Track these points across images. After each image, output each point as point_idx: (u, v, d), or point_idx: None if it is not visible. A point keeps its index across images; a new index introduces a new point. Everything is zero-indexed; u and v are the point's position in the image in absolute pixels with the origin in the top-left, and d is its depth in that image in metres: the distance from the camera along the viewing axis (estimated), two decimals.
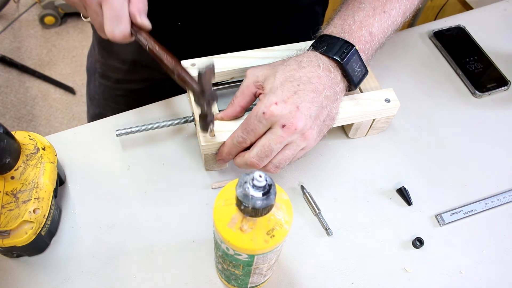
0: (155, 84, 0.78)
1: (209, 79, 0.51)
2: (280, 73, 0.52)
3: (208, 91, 0.51)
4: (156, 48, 0.52)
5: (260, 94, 0.54)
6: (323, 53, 0.54)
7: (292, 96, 0.50)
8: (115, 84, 0.81)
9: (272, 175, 0.59)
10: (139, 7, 0.50)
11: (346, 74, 0.55)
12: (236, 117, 0.56)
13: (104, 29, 0.50)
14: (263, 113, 0.50)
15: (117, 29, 0.49)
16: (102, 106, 0.86)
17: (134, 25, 0.51)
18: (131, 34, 0.51)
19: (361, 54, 0.55)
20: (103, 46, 0.79)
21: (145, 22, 0.51)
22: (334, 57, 0.53)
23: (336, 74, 0.54)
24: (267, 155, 0.51)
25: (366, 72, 0.57)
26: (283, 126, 0.50)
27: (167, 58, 0.52)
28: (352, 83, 0.56)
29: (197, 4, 0.67)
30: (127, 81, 0.81)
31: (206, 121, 0.53)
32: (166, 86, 0.67)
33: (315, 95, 0.51)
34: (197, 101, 0.53)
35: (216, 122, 0.56)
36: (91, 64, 0.87)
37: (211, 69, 0.50)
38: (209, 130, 0.54)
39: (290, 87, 0.51)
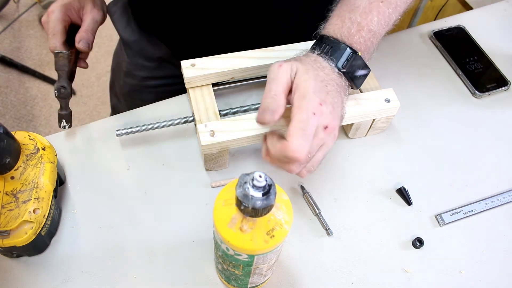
0: (179, 79, 0.79)
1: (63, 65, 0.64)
2: (310, 71, 0.50)
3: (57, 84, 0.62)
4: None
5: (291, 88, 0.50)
6: (330, 59, 0.53)
7: (326, 97, 0.49)
8: (141, 81, 0.85)
9: (272, 175, 0.59)
10: (81, 35, 0.66)
11: (350, 79, 0.54)
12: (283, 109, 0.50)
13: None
14: (314, 113, 0.47)
15: (51, 42, 0.65)
16: (128, 105, 0.89)
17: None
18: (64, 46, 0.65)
19: (363, 55, 0.54)
20: (129, 46, 0.82)
21: (81, 47, 0.66)
22: (341, 69, 0.52)
23: (343, 79, 0.53)
24: (308, 159, 0.49)
25: (369, 71, 0.56)
26: (326, 127, 0.48)
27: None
28: (356, 87, 0.55)
29: (195, 4, 0.67)
30: (152, 78, 0.84)
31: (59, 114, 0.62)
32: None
33: (339, 95, 0.51)
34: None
35: (215, 122, 0.56)
36: (117, 64, 0.90)
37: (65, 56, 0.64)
38: (61, 125, 0.61)
39: (322, 87, 0.49)
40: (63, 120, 0.61)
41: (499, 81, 0.73)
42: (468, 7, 1.05)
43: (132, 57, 0.83)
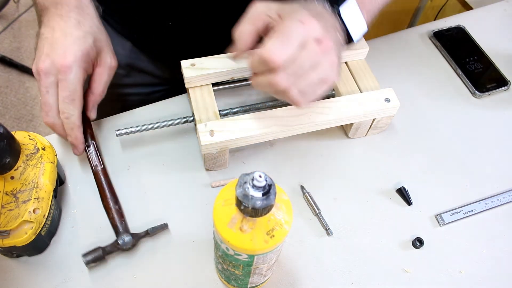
0: (149, 89, 0.77)
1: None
2: (296, 3, 0.48)
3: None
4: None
5: (271, 27, 0.48)
6: (323, 1, 0.51)
7: (321, 18, 0.46)
8: (109, 89, 0.81)
9: (272, 175, 0.59)
10: (96, 99, 0.55)
11: (344, 25, 0.52)
12: (246, 49, 0.50)
13: (50, 109, 0.53)
14: (300, 21, 0.44)
15: (71, 109, 0.53)
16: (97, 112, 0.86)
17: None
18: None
19: (360, 7, 0.52)
20: None
21: (92, 116, 0.56)
22: (330, 4, 0.50)
23: (337, 23, 0.51)
24: (298, 73, 0.45)
25: (365, 30, 0.54)
26: (318, 41, 0.45)
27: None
28: (349, 38, 0.53)
29: (190, 4, 0.67)
30: (121, 86, 0.79)
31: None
32: (159, 90, 0.66)
33: (331, 25, 0.49)
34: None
35: (215, 122, 0.56)
36: None
37: None
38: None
39: (313, 13, 0.47)
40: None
41: (499, 81, 0.73)
42: (468, 7, 1.05)
43: None
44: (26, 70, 1.87)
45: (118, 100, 0.82)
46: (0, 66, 1.89)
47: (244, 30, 0.49)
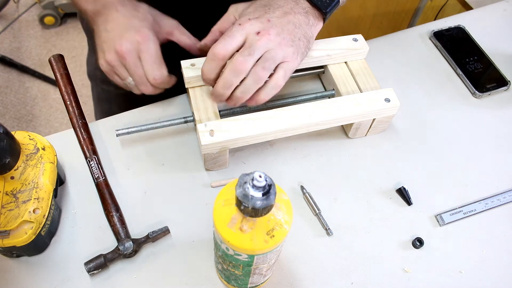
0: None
1: None
2: (252, 4, 0.58)
3: None
4: None
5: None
6: None
7: (263, 15, 0.55)
8: (117, 89, 0.82)
9: (272, 175, 0.59)
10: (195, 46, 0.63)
11: (312, 2, 0.58)
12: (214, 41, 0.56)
13: (144, 80, 0.57)
14: (239, 24, 0.54)
15: (158, 72, 0.57)
16: (105, 110, 0.87)
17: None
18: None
19: None
20: None
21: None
22: None
23: (303, 2, 0.58)
24: (250, 53, 0.52)
25: (338, 2, 0.59)
26: (258, 33, 0.53)
27: None
28: (320, 10, 0.58)
29: (192, 5, 0.67)
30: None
31: None
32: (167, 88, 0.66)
33: (284, 14, 0.55)
34: None
35: (215, 122, 0.56)
36: (92, 71, 0.87)
37: None
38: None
39: (260, 10, 0.56)
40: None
41: (499, 81, 0.73)
42: (468, 7, 1.04)
43: None
44: (26, 70, 1.87)
45: (119, 99, 0.82)
46: (0, 66, 1.89)
47: (213, 29, 0.62)
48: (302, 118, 0.58)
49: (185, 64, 0.61)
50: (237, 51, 0.53)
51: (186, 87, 0.61)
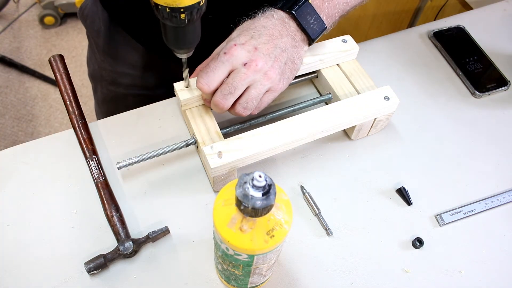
0: (167, 88, 0.78)
1: None
2: (238, 29, 0.58)
3: None
4: None
5: None
6: (277, 8, 0.58)
7: (249, 40, 0.55)
8: (126, 90, 0.83)
9: (272, 175, 0.59)
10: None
11: (301, 26, 0.57)
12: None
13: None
14: (224, 53, 0.53)
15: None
16: (111, 110, 0.86)
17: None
18: None
19: (317, 11, 0.58)
20: (109, 54, 0.79)
21: None
22: (287, 10, 0.57)
23: (291, 25, 0.58)
24: (231, 91, 0.53)
25: (324, 27, 0.59)
26: (245, 64, 0.53)
27: None
28: (308, 36, 0.58)
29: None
30: (138, 87, 0.82)
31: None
32: (163, 89, 0.67)
33: (271, 38, 0.55)
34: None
35: (220, 143, 0.54)
36: (95, 71, 0.86)
37: None
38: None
39: (246, 34, 0.56)
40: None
41: (499, 81, 0.73)
42: (468, 7, 1.05)
43: (115, 66, 0.80)
44: (26, 70, 1.87)
45: (127, 101, 0.83)
46: (0, 66, 1.89)
47: (208, 59, 0.60)
48: (307, 128, 0.57)
49: (178, 86, 0.59)
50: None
51: (182, 109, 0.60)
